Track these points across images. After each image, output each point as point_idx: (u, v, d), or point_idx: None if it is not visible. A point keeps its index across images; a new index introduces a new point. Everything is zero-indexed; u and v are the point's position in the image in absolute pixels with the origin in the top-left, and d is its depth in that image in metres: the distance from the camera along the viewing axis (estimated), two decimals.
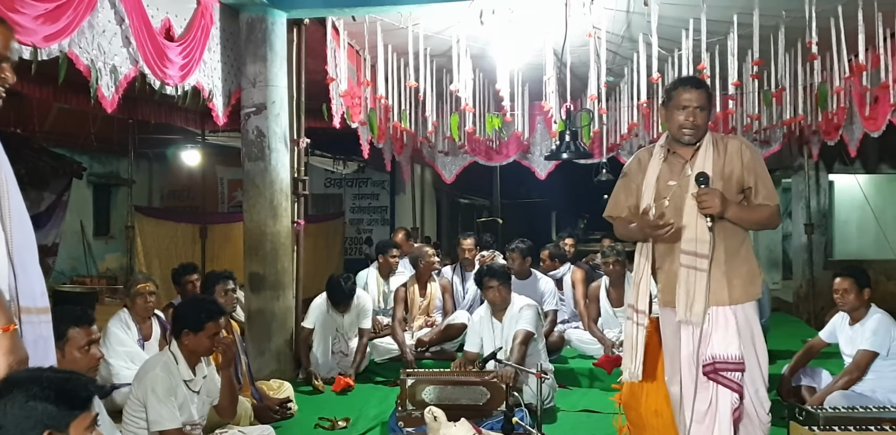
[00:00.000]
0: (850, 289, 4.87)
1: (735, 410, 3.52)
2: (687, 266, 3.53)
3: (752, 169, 3.57)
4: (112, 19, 4.54)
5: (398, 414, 4.84)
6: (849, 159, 9.83)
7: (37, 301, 2.32)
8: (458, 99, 7.38)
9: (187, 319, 4.05)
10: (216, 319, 4.08)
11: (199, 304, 4.23)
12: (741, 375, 3.50)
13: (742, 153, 3.58)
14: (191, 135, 11.42)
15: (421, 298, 7.23)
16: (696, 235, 3.51)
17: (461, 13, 6.40)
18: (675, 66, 7.32)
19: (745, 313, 3.56)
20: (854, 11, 6.06)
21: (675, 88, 3.68)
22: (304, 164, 6.86)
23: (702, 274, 3.49)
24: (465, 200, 23.03)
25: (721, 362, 3.50)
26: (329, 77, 6.68)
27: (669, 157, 3.73)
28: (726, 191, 3.51)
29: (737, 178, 3.57)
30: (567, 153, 6.65)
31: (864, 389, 4.78)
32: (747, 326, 3.55)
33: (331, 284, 6.49)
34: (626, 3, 6.40)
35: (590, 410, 5.61)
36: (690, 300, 3.51)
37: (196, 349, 4.04)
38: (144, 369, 4.00)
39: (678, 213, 3.59)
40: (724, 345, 3.50)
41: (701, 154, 3.61)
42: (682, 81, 3.76)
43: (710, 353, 3.53)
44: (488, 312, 5.73)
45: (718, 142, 3.64)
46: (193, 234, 10.10)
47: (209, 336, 4.04)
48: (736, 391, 3.50)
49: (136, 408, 3.88)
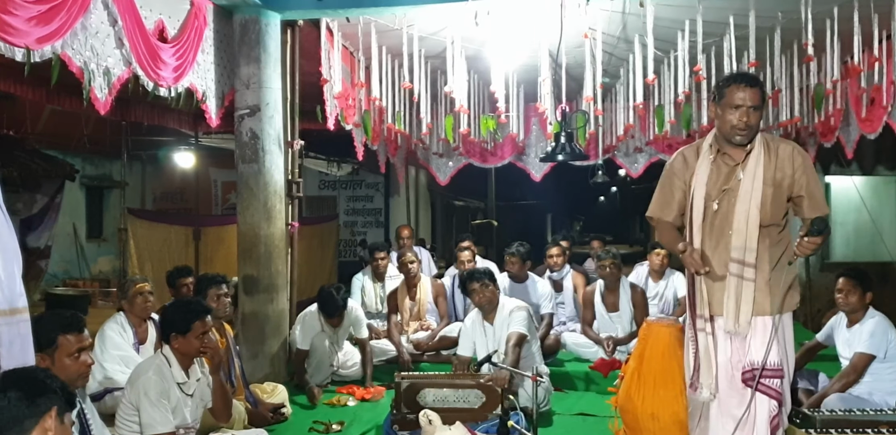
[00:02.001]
0: (852, 290, 4.85)
1: (774, 417, 3.46)
2: (735, 275, 3.44)
3: (802, 176, 3.44)
4: (105, 21, 4.51)
5: (393, 417, 4.81)
6: (845, 161, 9.83)
7: (16, 302, 2.35)
8: (452, 100, 7.35)
9: (174, 323, 4.03)
10: (202, 318, 4.05)
11: (183, 305, 4.21)
12: (780, 383, 3.45)
13: (794, 159, 3.45)
14: (184, 137, 11.40)
15: (411, 302, 7.20)
16: (745, 243, 3.41)
17: (456, 14, 6.39)
18: (671, 68, 7.31)
19: (783, 322, 3.50)
20: (850, 13, 6.06)
21: (728, 85, 3.47)
22: (298, 166, 6.85)
23: (748, 283, 3.41)
24: (460, 203, 23.03)
25: (760, 369, 3.45)
26: (323, 79, 6.65)
27: (718, 157, 3.57)
28: (776, 198, 3.42)
29: (787, 184, 3.45)
30: (562, 155, 6.63)
31: (861, 392, 4.77)
32: (783, 334, 3.49)
33: (323, 296, 6.14)
34: (621, 4, 6.37)
35: (586, 414, 5.59)
36: (737, 310, 3.44)
37: (187, 351, 4.02)
38: (137, 373, 3.97)
39: (727, 218, 3.48)
40: (763, 352, 3.43)
41: (753, 158, 3.46)
42: (736, 78, 3.51)
43: (749, 359, 3.48)
44: (479, 315, 5.69)
45: (770, 145, 3.50)
46: (187, 236, 10.05)
47: (197, 336, 4.01)
48: (775, 398, 3.45)
49: (129, 412, 3.85)
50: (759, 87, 3.46)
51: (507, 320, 5.48)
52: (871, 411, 4.28)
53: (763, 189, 3.40)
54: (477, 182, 19.04)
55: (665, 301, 7.56)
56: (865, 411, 4.28)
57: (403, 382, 4.84)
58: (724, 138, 3.53)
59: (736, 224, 3.43)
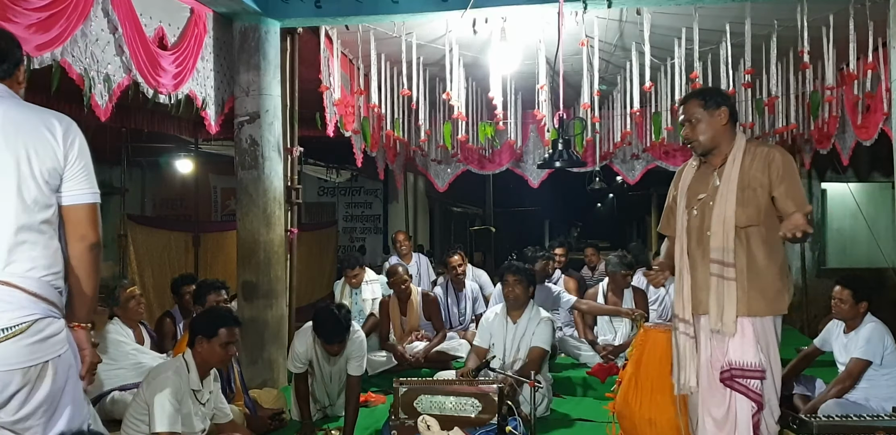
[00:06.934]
0: (846, 300, 4.89)
1: (753, 415, 3.49)
2: (716, 275, 3.52)
3: (779, 176, 3.49)
4: (105, 28, 4.55)
5: (391, 423, 4.81)
6: (841, 168, 9.85)
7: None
8: (450, 107, 7.38)
9: (201, 326, 4.11)
10: (229, 326, 4.10)
11: (214, 310, 4.33)
12: (760, 384, 3.48)
13: (772, 160, 3.51)
14: (184, 143, 11.40)
15: (403, 317, 7.14)
16: (722, 243, 3.50)
17: (454, 22, 6.42)
18: (667, 75, 7.34)
19: (763, 325, 3.52)
20: (845, 21, 6.10)
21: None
22: (298, 172, 6.87)
23: (730, 283, 3.48)
24: (458, 209, 23.04)
25: (738, 369, 3.48)
26: (322, 86, 6.68)
27: (702, 166, 3.74)
28: (752, 199, 3.49)
29: (764, 185, 3.51)
30: (560, 161, 6.64)
31: (857, 398, 4.79)
32: (763, 336, 3.51)
33: (321, 316, 4.97)
34: (618, 12, 6.42)
35: (584, 419, 5.61)
36: (720, 310, 3.50)
37: (209, 358, 4.07)
38: (156, 371, 4.02)
39: (705, 221, 3.58)
40: (741, 352, 3.48)
41: (728, 163, 3.57)
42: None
43: (727, 359, 3.51)
44: (504, 310, 5.79)
45: (749, 149, 3.59)
46: (186, 242, 10.05)
47: (222, 344, 4.06)
48: (753, 399, 3.47)
49: (141, 411, 3.88)
50: (692, 101, 3.66)
51: (533, 328, 5.56)
52: (867, 417, 4.30)
53: (738, 191, 3.50)
54: (475, 188, 19.04)
55: (665, 307, 7.56)
56: (862, 417, 4.30)
57: (401, 388, 4.85)
58: None
59: (713, 226, 3.53)
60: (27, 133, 2.44)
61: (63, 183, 2.51)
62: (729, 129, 3.62)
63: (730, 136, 3.62)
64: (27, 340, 2.39)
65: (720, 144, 3.61)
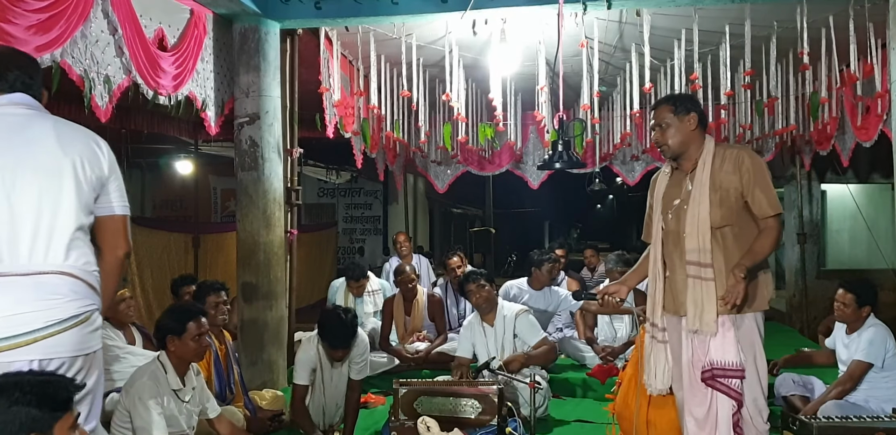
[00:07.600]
0: (848, 304, 4.87)
1: (734, 414, 3.52)
2: (693, 276, 3.56)
3: (750, 179, 3.54)
4: (105, 29, 4.54)
5: (391, 424, 4.81)
6: (841, 169, 9.88)
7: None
8: (450, 108, 7.39)
9: (168, 326, 4.04)
10: (196, 319, 4.06)
11: (176, 308, 4.28)
12: (740, 383, 3.50)
13: (741, 162, 3.56)
14: (184, 144, 11.41)
15: (407, 317, 7.13)
16: (698, 244, 3.55)
17: (454, 23, 6.42)
18: (667, 76, 7.35)
19: (746, 323, 3.56)
20: (845, 22, 6.09)
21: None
22: (298, 173, 6.87)
23: (708, 283, 3.52)
24: (458, 210, 23.08)
25: (719, 369, 3.51)
26: (322, 87, 6.69)
27: (674, 173, 3.81)
28: (724, 200, 3.54)
29: (734, 187, 3.56)
30: (560, 163, 6.64)
31: (857, 399, 4.78)
32: (747, 335, 3.55)
33: (327, 321, 4.82)
34: (618, 13, 6.42)
35: (583, 421, 5.60)
36: (699, 310, 3.52)
37: (183, 355, 4.02)
38: (133, 378, 3.98)
39: (680, 224, 3.64)
40: (721, 352, 3.52)
41: (699, 167, 3.63)
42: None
43: (709, 359, 3.54)
44: (477, 317, 5.79)
45: (719, 153, 3.63)
46: (186, 243, 10.05)
47: (193, 338, 4.01)
48: (734, 398, 3.50)
49: (123, 418, 3.85)
50: (662, 107, 3.73)
51: (512, 326, 5.56)
52: (867, 418, 4.31)
53: (710, 193, 3.55)
54: (475, 190, 19.08)
55: None
56: (862, 418, 4.30)
57: (401, 389, 4.84)
58: None
59: (688, 228, 3.59)
60: (80, 143, 2.65)
61: (101, 195, 2.68)
62: (698, 134, 3.69)
63: (699, 141, 3.68)
64: (88, 328, 2.58)
65: (689, 148, 3.68)
